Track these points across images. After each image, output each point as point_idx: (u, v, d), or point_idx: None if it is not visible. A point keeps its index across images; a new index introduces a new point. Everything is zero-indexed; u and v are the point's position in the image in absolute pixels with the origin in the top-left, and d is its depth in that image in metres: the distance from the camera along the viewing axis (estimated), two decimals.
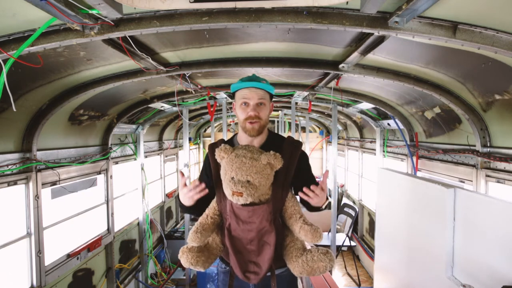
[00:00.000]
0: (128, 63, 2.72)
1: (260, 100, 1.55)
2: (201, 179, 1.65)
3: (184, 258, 1.46)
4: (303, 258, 1.42)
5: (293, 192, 1.60)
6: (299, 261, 1.43)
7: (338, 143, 6.47)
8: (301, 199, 1.50)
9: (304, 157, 1.64)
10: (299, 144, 1.60)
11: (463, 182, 3.20)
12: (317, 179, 1.62)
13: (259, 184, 1.37)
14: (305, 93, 4.58)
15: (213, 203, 1.56)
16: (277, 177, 1.46)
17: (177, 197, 1.65)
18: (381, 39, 2.11)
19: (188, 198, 1.49)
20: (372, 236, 5.82)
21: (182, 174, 1.52)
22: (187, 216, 5.17)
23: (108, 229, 4.43)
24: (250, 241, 1.46)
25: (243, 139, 1.63)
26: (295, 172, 1.55)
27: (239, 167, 1.38)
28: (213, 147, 1.57)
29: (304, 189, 1.41)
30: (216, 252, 1.54)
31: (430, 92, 2.87)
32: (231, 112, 6.88)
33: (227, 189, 1.39)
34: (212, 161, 1.58)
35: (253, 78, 1.59)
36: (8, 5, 1.57)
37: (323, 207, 1.54)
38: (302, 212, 1.51)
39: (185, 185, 1.49)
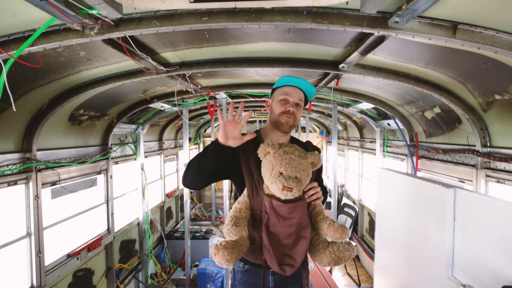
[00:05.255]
0: (128, 63, 2.72)
1: (299, 101, 1.62)
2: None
3: (220, 255, 1.43)
4: (329, 249, 1.53)
5: None
6: (327, 252, 1.53)
7: (338, 143, 6.48)
8: None
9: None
10: (318, 150, 1.68)
11: (463, 182, 3.20)
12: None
13: (304, 181, 1.46)
14: None
15: (245, 198, 1.55)
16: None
17: (207, 147, 1.48)
18: (381, 39, 2.11)
19: (233, 133, 1.40)
20: (372, 236, 5.82)
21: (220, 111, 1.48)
22: (187, 216, 5.17)
23: (108, 229, 4.43)
24: (288, 235, 1.51)
25: (270, 135, 1.65)
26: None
27: (288, 163, 1.43)
28: (253, 141, 1.51)
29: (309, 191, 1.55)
30: (243, 249, 1.55)
31: (430, 92, 2.87)
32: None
33: (276, 183, 1.42)
34: (245, 155, 1.52)
35: (299, 80, 1.63)
36: (8, 5, 1.57)
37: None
38: None
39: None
